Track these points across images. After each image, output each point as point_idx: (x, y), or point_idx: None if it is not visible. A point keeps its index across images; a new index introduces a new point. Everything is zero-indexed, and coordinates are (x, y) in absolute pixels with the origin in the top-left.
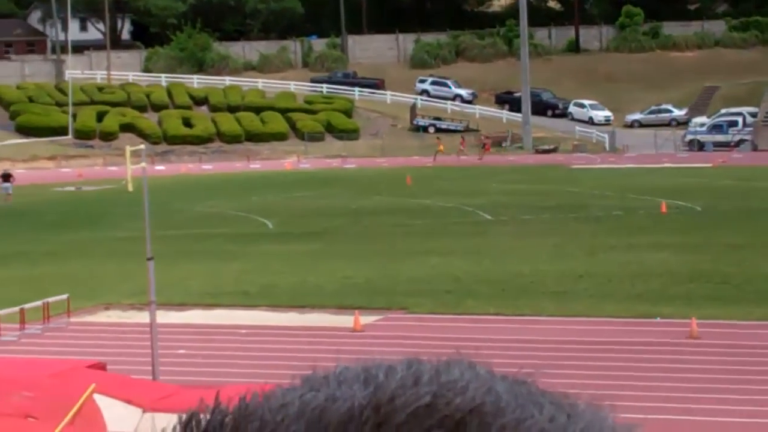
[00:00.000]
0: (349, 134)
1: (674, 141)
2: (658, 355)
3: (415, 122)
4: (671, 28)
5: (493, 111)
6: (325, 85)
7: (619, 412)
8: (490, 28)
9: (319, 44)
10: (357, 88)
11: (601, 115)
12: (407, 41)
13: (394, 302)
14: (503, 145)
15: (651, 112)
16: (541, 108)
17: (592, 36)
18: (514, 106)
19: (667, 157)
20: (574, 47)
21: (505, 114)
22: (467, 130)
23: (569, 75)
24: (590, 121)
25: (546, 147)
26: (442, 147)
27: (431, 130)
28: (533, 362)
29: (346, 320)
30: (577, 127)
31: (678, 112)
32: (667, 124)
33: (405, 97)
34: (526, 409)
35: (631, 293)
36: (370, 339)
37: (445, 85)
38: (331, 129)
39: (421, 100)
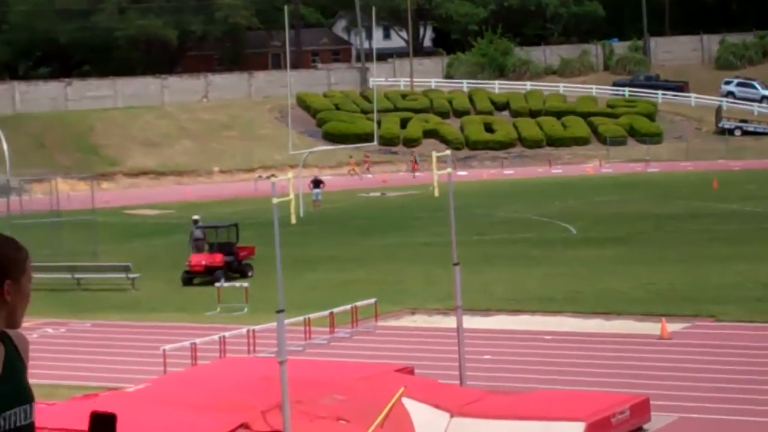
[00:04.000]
0: (652, 138)
1: None
2: None
3: (720, 125)
4: None
5: None
6: (627, 89)
7: None
8: None
9: (620, 47)
10: (660, 91)
11: None
12: (712, 42)
13: (702, 310)
14: None
15: None
16: None
17: None
18: None
19: None
20: None
21: None
22: None
23: None
24: None
25: None
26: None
27: (738, 133)
28: None
29: (652, 327)
30: None
31: None
32: None
33: (710, 99)
34: None
35: None
36: (677, 347)
37: (752, 86)
38: (633, 133)
39: (727, 102)
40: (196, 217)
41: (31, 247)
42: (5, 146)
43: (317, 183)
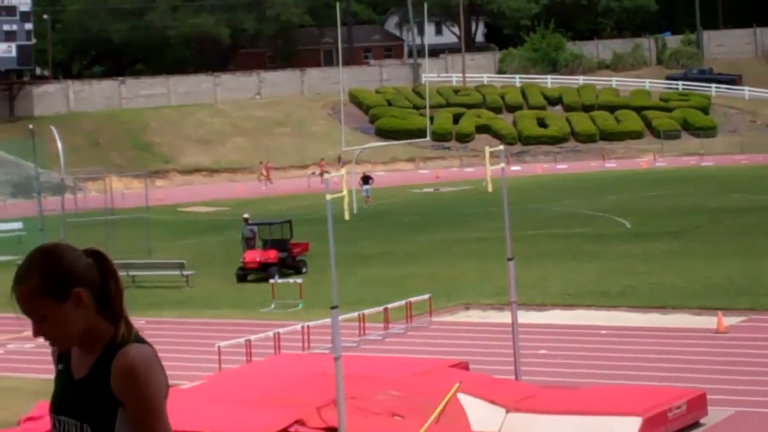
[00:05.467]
0: (706, 131)
1: None
2: None
3: None
4: None
5: None
6: (680, 82)
7: None
8: None
9: (673, 41)
10: (713, 85)
11: None
12: (765, 35)
13: (759, 303)
14: None
15: None
16: None
17: None
18: None
19: None
20: None
21: None
22: None
23: None
24: None
25: None
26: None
27: None
28: None
29: (708, 321)
30: None
31: None
32: None
33: (764, 92)
34: None
35: None
36: (734, 341)
37: None
38: (687, 126)
39: None
40: (246, 215)
41: (86, 245)
42: (60, 145)
43: (366, 179)
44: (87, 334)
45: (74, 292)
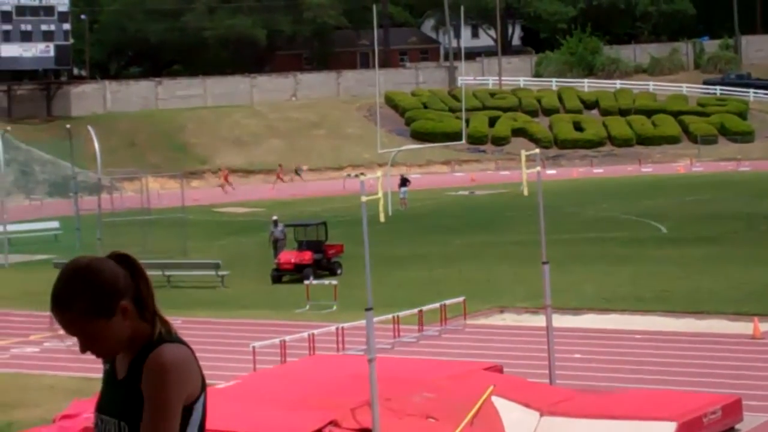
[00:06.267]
0: (743, 137)
1: None
2: None
3: None
4: None
5: None
6: (718, 87)
7: None
8: None
9: (711, 45)
10: (752, 90)
11: None
12: None
13: None
14: None
15: None
16: None
17: None
18: None
19: None
20: None
21: None
22: None
23: None
24: None
25: None
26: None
27: None
28: None
29: (744, 327)
30: None
31: None
32: None
33: None
34: None
35: None
36: None
37: None
38: (724, 131)
39: None
40: (275, 217)
41: (122, 245)
42: (97, 145)
43: (404, 181)
44: (134, 340)
45: (120, 306)
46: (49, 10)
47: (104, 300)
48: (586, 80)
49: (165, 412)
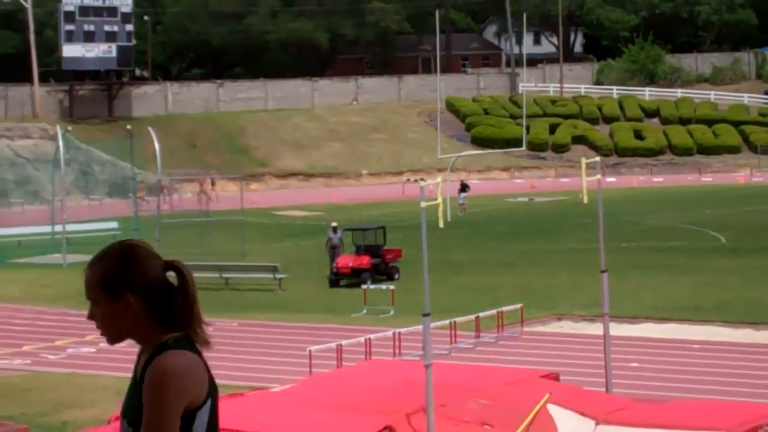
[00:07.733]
0: None
1: None
2: None
3: None
4: None
5: None
6: None
7: None
8: None
9: None
10: None
11: None
12: None
13: None
14: None
15: None
16: None
17: None
18: None
19: None
20: None
21: None
22: None
23: None
24: None
25: None
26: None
27: None
28: None
29: None
30: None
31: None
32: None
33: None
34: None
35: None
36: None
37: None
38: None
39: None
40: (335, 224)
41: (180, 246)
42: (157, 146)
43: (464, 187)
44: (141, 339)
45: (124, 296)
46: (112, 11)
47: (118, 280)
48: (647, 89)
49: (159, 420)
